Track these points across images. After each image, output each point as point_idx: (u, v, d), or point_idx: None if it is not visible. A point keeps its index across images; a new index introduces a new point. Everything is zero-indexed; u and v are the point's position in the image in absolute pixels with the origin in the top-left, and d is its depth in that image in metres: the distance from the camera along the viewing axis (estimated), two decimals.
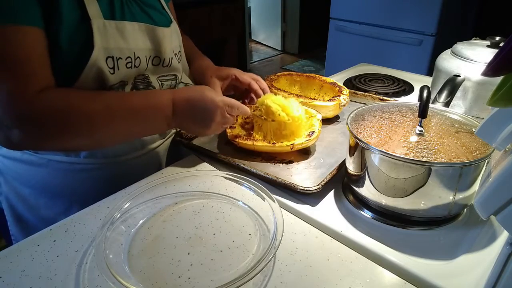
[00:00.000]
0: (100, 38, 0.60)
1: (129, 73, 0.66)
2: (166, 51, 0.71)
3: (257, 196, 0.59)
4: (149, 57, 0.69)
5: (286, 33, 4.68)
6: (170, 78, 0.76)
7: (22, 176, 0.72)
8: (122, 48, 0.63)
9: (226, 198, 0.63)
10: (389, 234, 0.55)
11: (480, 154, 0.51)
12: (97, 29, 0.59)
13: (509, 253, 0.36)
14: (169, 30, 0.73)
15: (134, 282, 0.47)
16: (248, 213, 0.60)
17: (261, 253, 0.50)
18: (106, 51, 0.61)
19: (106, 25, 0.61)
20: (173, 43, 0.75)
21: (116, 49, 0.62)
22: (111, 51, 0.62)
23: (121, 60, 0.64)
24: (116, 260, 0.49)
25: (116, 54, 0.63)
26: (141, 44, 0.67)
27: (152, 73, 0.71)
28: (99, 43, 0.60)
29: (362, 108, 0.64)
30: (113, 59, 0.62)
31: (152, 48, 0.69)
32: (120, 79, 0.65)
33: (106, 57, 0.61)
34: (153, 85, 0.72)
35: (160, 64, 0.72)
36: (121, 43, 0.63)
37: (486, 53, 0.86)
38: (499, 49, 0.31)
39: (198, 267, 0.49)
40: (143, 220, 0.58)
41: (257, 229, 0.56)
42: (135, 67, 0.67)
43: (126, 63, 0.65)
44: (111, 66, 0.62)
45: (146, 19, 0.69)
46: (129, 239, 0.54)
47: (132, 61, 0.65)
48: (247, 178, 0.62)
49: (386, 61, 1.52)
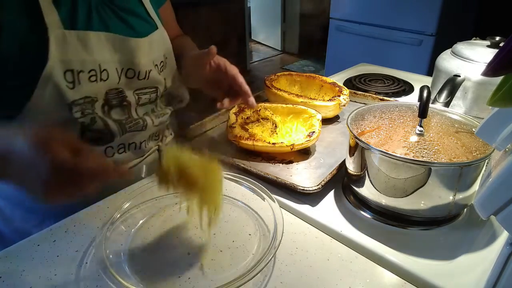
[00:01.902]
0: (58, 49, 0.55)
1: (95, 88, 0.61)
2: (141, 63, 0.66)
3: (257, 196, 0.59)
4: (120, 70, 0.64)
5: (286, 33, 4.68)
6: (149, 91, 0.70)
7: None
8: (84, 60, 0.58)
9: (226, 198, 0.63)
10: (389, 234, 0.55)
11: (480, 154, 0.51)
12: (55, 39, 0.55)
13: (509, 253, 0.36)
14: (147, 40, 0.67)
15: (135, 282, 0.47)
16: (248, 213, 0.60)
17: (261, 253, 0.50)
18: (65, 63, 0.56)
19: (66, 35, 0.56)
20: (154, 54, 0.69)
21: (77, 62, 0.57)
22: (71, 63, 0.57)
23: (83, 73, 0.58)
24: (116, 260, 0.49)
25: (77, 67, 0.58)
26: (108, 56, 0.62)
27: (127, 87, 0.66)
28: (56, 55, 0.55)
29: (362, 108, 0.64)
30: (73, 72, 0.57)
31: (123, 60, 0.64)
32: (83, 95, 0.60)
33: (65, 70, 0.56)
34: (129, 99, 0.67)
35: (135, 77, 0.66)
36: (83, 54, 0.58)
37: (486, 53, 0.86)
38: (499, 49, 0.31)
39: (198, 267, 0.49)
40: (143, 220, 0.58)
41: (257, 229, 0.56)
42: (102, 80, 0.61)
43: (89, 76, 0.59)
44: (70, 80, 0.57)
45: (120, 28, 0.64)
46: (129, 239, 0.54)
47: (97, 74, 0.60)
48: (247, 178, 0.62)
49: (386, 61, 1.52)
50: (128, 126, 0.67)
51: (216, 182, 0.51)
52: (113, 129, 0.65)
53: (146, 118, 0.70)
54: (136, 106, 0.69)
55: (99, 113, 0.63)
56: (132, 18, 0.67)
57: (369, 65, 1.39)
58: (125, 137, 0.67)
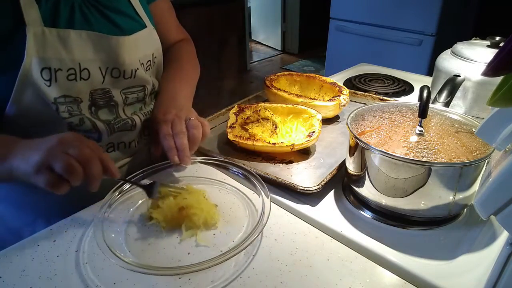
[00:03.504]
0: (36, 46, 0.55)
1: (75, 87, 0.60)
2: (125, 62, 0.65)
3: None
4: (105, 69, 0.63)
5: (286, 33, 4.68)
6: (136, 90, 0.70)
7: None
8: (62, 58, 0.58)
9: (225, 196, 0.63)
10: (389, 234, 0.55)
11: (480, 154, 0.51)
12: (33, 36, 0.55)
13: (509, 253, 0.36)
14: (132, 38, 0.66)
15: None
16: (243, 202, 0.60)
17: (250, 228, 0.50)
18: (42, 61, 0.56)
19: (45, 32, 0.56)
20: (140, 53, 0.68)
21: (55, 60, 0.57)
22: (48, 61, 0.56)
23: (61, 71, 0.58)
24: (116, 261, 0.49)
25: (55, 65, 0.57)
26: (90, 55, 0.61)
27: (113, 86, 0.66)
28: (33, 52, 0.55)
29: (362, 108, 0.64)
30: (50, 70, 0.57)
31: (107, 59, 0.63)
32: (62, 93, 0.59)
33: (42, 68, 0.56)
34: (116, 99, 0.66)
35: (121, 76, 0.66)
36: (62, 53, 0.58)
37: (486, 53, 0.86)
38: (499, 49, 0.31)
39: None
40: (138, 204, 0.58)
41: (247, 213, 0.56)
42: (83, 79, 0.61)
43: (67, 75, 0.59)
44: (47, 78, 0.57)
45: (105, 26, 0.63)
46: (129, 239, 0.54)
47: (76, 73, 0.60)
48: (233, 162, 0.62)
49: (386, 61, 1.52)
50: (116, 126, 0.67)
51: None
52: (101, 129, 0.65)
53: (134, 118, 0.70)
54: (124, 105, 0.69)
55: (86, 114, 0.63)
56: (118, 16, 0.66)
57: (369, 65, 1.39)
58: (113, 136, 0.67)
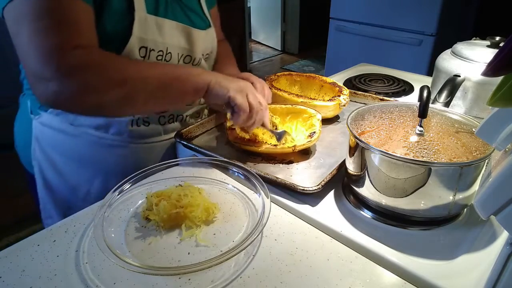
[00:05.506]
0: (139, 28, 0.67)
1: None
2: (197, 51, 0.79)
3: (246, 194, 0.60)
4: (181, 55, 0.77)
5: (286, 33, 4.68)
6: None
7: (56, 144, 0.77)
8: (157, 41, 0.70)
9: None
10: (389, 234, 0.55)
11: (480, 154, 0.51)
12: (138, 20, 0.67)
13: (509, 253, 0.36)
14: (204, 33, 0.80)
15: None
16: (243, 202, 0.60)
17: (250, 228, 0.50)
18: (141, 40, 0.68)
19: (147, 18, 0.68)
20: (205, 45, 0.82)
21: (151, 41, 0.69)
22: (146, 41, 0.69)
23: (153, 52, 0.71)
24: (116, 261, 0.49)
25: (150, 45, 0.70)
26: (176, 42, 0.74)
27: None
28: (137, 32, 0.67)
29: (362, 108, 0.64)
30: (146, 49, 0.70)
31: (186, 47, 0.77)
32: None
33: (140, 46, 0.68)
34: None
35: (191, 63, 0.80)
36: (157, 36, 0.70)
37: (486, 53, 0.86)
38: (499, 49, 0.31)
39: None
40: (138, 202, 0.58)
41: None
42: (165, 60, 0.74)
43: (157, 55, 0.72)
44: (143, 55, 0.69)
45: (185, 20, 0.76)
46: (129, 239, 0.54)
47: (163, 55, 0.73)
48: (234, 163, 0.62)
49: (386, 61, 1.52)
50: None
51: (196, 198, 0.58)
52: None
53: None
54: None
55: None
56: (193, 14, 0.79)
57: (369, 65, 1.39)
58: (177, 110, 0.82)
